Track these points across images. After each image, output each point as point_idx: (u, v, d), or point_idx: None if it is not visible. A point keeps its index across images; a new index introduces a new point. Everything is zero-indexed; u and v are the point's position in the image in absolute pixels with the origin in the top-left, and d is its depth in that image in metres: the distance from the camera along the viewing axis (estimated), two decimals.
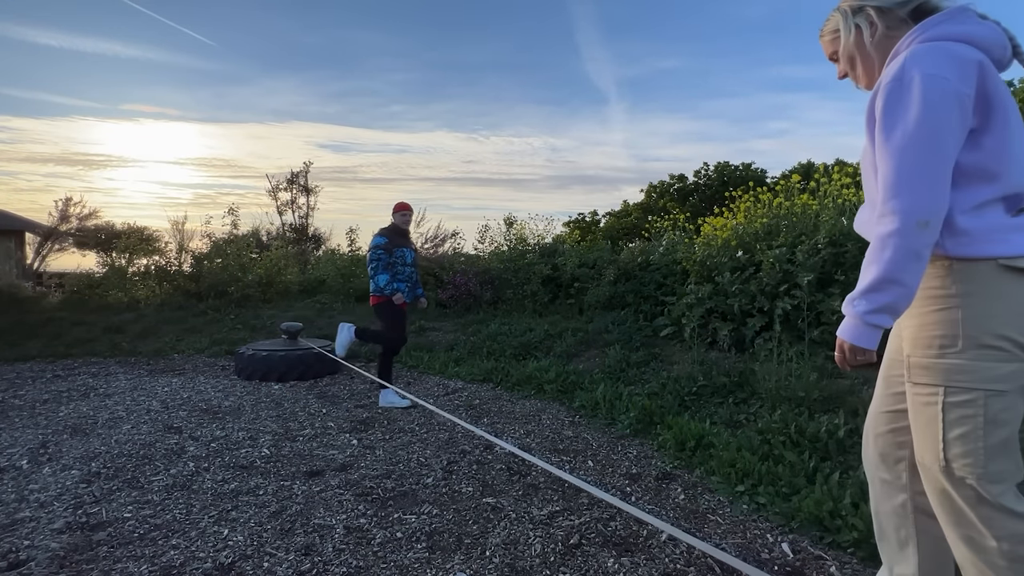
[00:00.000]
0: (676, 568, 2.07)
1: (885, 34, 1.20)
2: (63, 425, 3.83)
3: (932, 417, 1.11)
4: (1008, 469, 1.06)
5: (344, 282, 9.93)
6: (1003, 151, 1.07)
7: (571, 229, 19.93)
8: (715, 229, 5.81)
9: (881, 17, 1.20)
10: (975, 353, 1.05)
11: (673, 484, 2.86)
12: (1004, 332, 1.04)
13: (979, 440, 1.05)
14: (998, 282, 1.05)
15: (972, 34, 1.09)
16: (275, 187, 16.95)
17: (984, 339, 1.05)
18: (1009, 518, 1.04)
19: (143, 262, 9.95)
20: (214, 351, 6.75)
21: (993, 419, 1.04)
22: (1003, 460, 1.05)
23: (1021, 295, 1.05)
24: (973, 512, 1.07)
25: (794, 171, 16.62)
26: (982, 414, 1.05)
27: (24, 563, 2.09)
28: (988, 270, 1.06)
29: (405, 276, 4.43)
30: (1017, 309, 1.05)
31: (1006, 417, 1.05)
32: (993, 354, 1.04)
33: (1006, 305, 1.05)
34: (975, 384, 1.05)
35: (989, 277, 1.06)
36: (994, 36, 1.11)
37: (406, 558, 2.14)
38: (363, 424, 3.92)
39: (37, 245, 14.25)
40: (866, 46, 1.22)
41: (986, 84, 1.05)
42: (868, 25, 1.21)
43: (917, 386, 1.14)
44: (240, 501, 2.64)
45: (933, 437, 1.11)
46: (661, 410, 3.77)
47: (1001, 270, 1.05)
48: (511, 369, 5.22)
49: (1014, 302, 1.05)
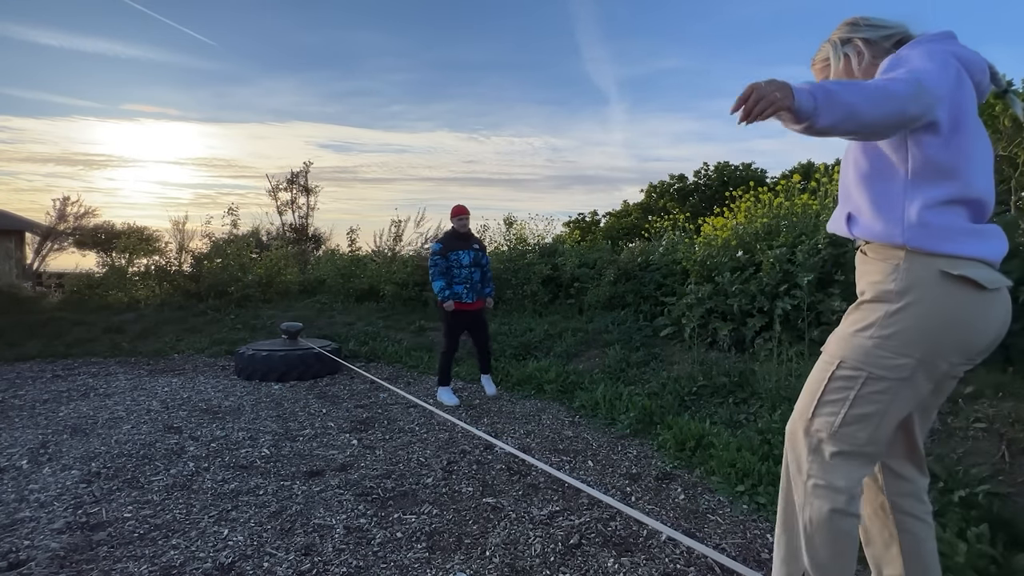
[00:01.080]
0: (676, 568, 2.07)
1: (871, 62, 1.29)
2: (63, 425, 3.83)
3: (820, 380, 1.28)
4: (859, 437, 1.22)
5: (344, 282, 9.92)
6: (970, 155, 1.16)
7: (571, 229, 19.92)
8: (715, 229, 5.81)
9: (868, 47, 1.30)
10: (878, 342, 1.19)
11: (673, 484, 2.86)
12: (909, 351, 1.17)
13: (843, 408, 1.22)
14: (932, 294, 1.14)
15: (956, 51, 1.19)
16: (275, 187, 16.96)
17: (891, 340, 1.18)
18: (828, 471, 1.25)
19: (143, 262, 9.94)
20: (214, 351, 6.75)
21: (863, 396, 1.20)
22: (855, 428, 1.21)
23: (946, 314, 1.14)
24: (808, 456, 1.28)
25: (794, 171, 16.59)
26: (856, 388, 1.21)
27: (24, 563, 2.09)
28: (930, 276, 1.14)
29: (462, 278, 4.45)
30: (934, 328, 1.15)
31: (875, 399, 1.20)
32: (891, 347, 1.18)
33: (927, 323, 1.15)
34: (863, 366, 1.20)
35: (927, 285, 1.15)
36: (976, 58, 1.22)
37: (406, 558, 2.14)
38: (363, 424, 3.92)
39: (37, 245, 14.25)
40: (854, 73, 1.32)
41: (963, 89, 1.15)
42: (856, 54, 1.31)
43: (825, 352, 1.30)
44: (240, 501, 2.64)
45: (812, 394, 1.29)
46: (661, 410, 3.77)
47: (941, 278, 1.14)
48: (511, 369, 5.21)
49: (935, 321, 1.15)
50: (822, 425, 1.25)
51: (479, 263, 4.58)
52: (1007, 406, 2.74)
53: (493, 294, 4.71)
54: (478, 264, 4.57)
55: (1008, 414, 2.67)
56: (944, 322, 1.14)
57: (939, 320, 1.14)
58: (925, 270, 1.15)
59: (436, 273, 4.41)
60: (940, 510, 2.14)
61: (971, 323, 1.16)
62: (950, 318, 1.14)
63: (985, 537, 1.93)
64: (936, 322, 1.15)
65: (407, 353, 6.27)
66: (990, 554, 1.88)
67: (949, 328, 1.15)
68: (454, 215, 4.56)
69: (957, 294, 1.14)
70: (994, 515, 2.07)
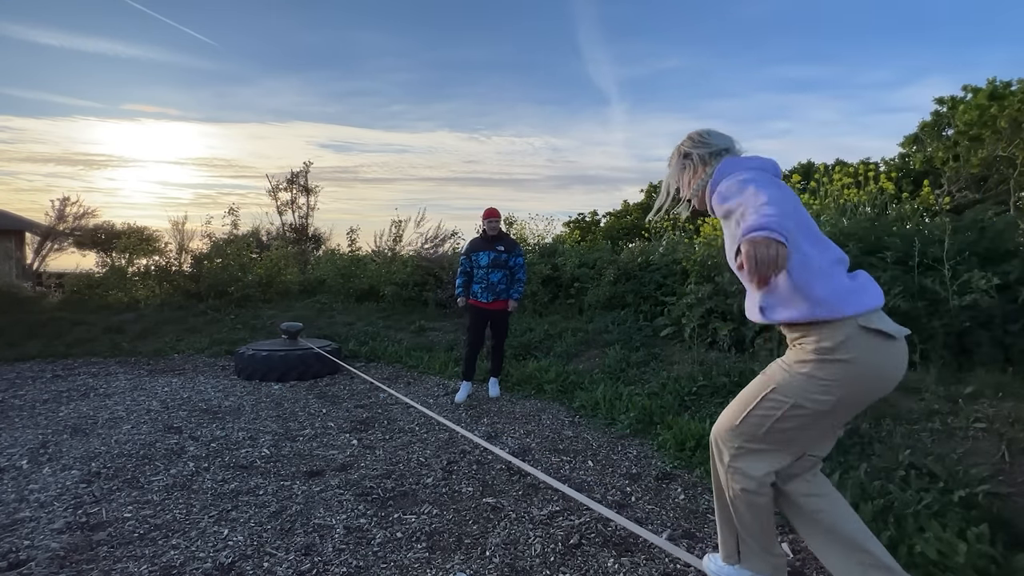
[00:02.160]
0: (676, 568, 2.07)
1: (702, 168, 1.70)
2: (63, 425, 3.83)
3: (754, 396, 1.51)
4: (774, 443, 1.49)
5: (344, 282, 9.91)
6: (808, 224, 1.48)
7: (571, 229, 19.90)
8: (715, 229, 5.81)
9: (700, 160, 1.70)
10: (810, 381, 1.41)
11: (673, 484, 2.86)
12: (833, 392, 1.38)
13: (767, 422, 1.47)
14: (857, 347, 1.37)
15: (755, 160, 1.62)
16: (275, 187, 16.93)
17: (821, 382, 1.39)
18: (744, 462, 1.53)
19: (143, 262, 9.93)
20: (214, 351, 6.75)
21: (785, 417, 1.45)
22: (773, 437, 1.48)
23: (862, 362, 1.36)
24: (729, 452, 1.55)
25: (794, 171, 16.57)
26: (782, 410, 1.45)
27: (24, 563, 2.09)
28: (853, 332, 1.37)
29: (478, 278, 4.61)
30: (858, 375, 1.37)
31: (795, 420, 1.44)
32: (819, 388, 1.39)
33: (852, 371, 1.37)
34: (792, 396, 1.43)
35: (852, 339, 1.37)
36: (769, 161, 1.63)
37: (406, 558, 2.14)
38: (363, 424, 3.92)
39: (37, 245, 14.23)
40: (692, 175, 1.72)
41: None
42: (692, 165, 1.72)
43: (764, 374, 1.53)
44: (240, 501, 2.64)
45: (744, 405, 1.53)
46: (661, 410, 3.77)
47: (862, 332, 1.36)
48: (511, 369, 5.21)
49: (860, 370, 1.37)
50: (746, 430, 1.51)
51: (500, 264, 4.59)
52: (1007, 406, 2.74)
53: (518, 298, 4.71)
54: (499, 265, 4.59)
55: (1008, 414, 2.67)
56: (866, 371, 1.38)
57: (862, 369, 1.38)
58: (848, 328, 1.37)
59: (459, 272, 4.72)
60: (940, 510, 2.14)
61: (885, 369, 1.41)
62: (872, 367, 1.39)
63: (985, 537, 1.93)
64: (859, 371, 1.38)
65: (407, 353, 6.26)
66: (990, 554, 1.88)
67: (870, 376, 1.39)
68: (482, 218, 4.73)
69: (877, 346, 1.37)
70: (994, 515, 2.07)
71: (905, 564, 1.95)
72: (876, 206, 4.91)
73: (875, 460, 2.61)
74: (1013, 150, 10.71)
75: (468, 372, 4.68)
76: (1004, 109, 10.69)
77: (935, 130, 14.61)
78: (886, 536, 2.05)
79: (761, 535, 1.57)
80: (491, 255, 4.59)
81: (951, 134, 13.78)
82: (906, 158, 15.42)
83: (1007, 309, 3.33)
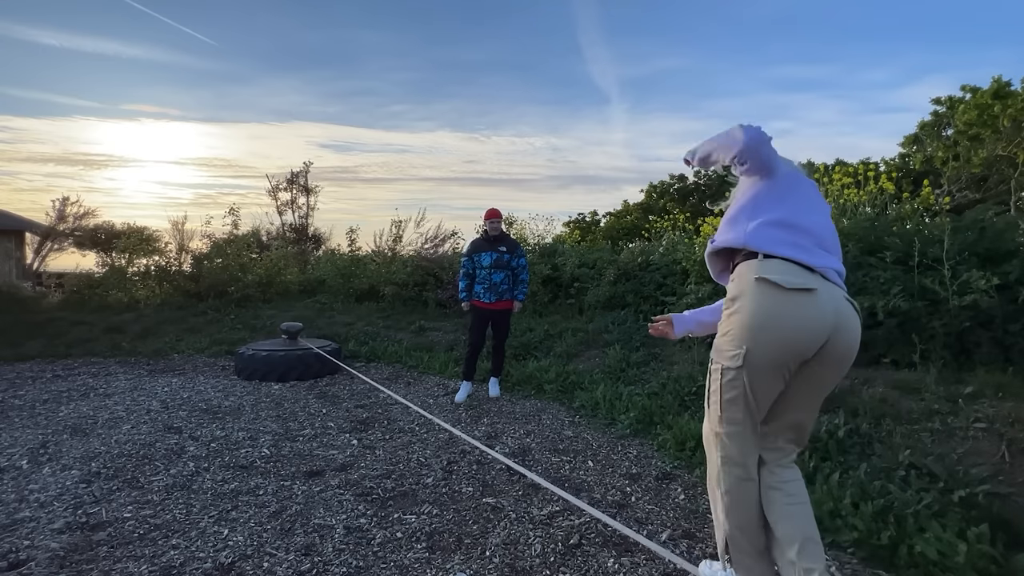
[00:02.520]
0: (676, 568, 2.07)
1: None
2: (63, 425, 3.83)
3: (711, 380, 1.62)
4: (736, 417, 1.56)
5: (344, 282, 9.90)
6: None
7: (571, 229, 19.91)
8: (715, 229, 5.80)
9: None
10: (721, 341, 1.55)
11: (673, 484, 2.86)
12: (737, 343, 1.49)
13: (717, 396, 1.57)
14: (750, 293, 1.47)
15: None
16: (275, 187, 16.93)
17: (727, 337, 1.52)
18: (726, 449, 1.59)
19: (143, 262, 9.92)
20: (214, 351, 6.75)
21: (725, 385, 1.54)
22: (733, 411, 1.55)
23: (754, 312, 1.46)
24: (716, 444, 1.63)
25: None
26: (719, 380, 1.56)
27: (24, 563, 2.09)
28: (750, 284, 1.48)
29: (481, 279, 4.64)
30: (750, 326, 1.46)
31: (734, 384, 1.52)
32: (728, 343, 1.52)
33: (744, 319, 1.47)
34: (719, 360, 1.56)
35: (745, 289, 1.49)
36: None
37: (406, 558, 2.14)
38: (363, 424, 3.92)
39: (37, 245, 14.23)
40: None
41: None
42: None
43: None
44: (240, 501, 2.64)
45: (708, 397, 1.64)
46: (661, 410, 3.77)
47: (757, 283, 1.46)
48: (511, 369, 5.21)
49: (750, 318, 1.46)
50: (714, 415, 1.61)
51: (503, 264, 4.61)
52: (1007, 406, 2.74)
53: (522, 298, 4.74)
54: (501, 266, 4.60)
55: (1008, 414, 2.67)
56: (762, 321, 1.46)
57: (757, 320, 1.46)
58: (746, 282, 1.49)
59: (462, 275, 4.73)
60: (940, 510, 2.14)
61: (783, 319, 1.44)
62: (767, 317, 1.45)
63: (985, 537, 1.93)
64: (754, 321, 1.46)
65: (407, 353, 6.26)
66: (990, 554, 1.88)
67: (769, 327, 1.45)
68: (484, 219, 4.75)
69: (772, 296, 1.44)
70: (994, 515, 2.07)
71: (905, 564, 1.96)
72: (876, 206, 4.91)
73: (875, 460, 2.62)
74: (1013, 150, 10.70)
75: (468, 372, 4.68)
76: (1006, 108, 10.69)
77: (935, 130, 14.61)
78: (886, 536, 2.05)
79: (753, 533, 1.61)
80: (493, 256, 4.60)
81: (951, 134, 13.78)
82: (906, 158, 15.42)
83: (1007, 309, 3.33)
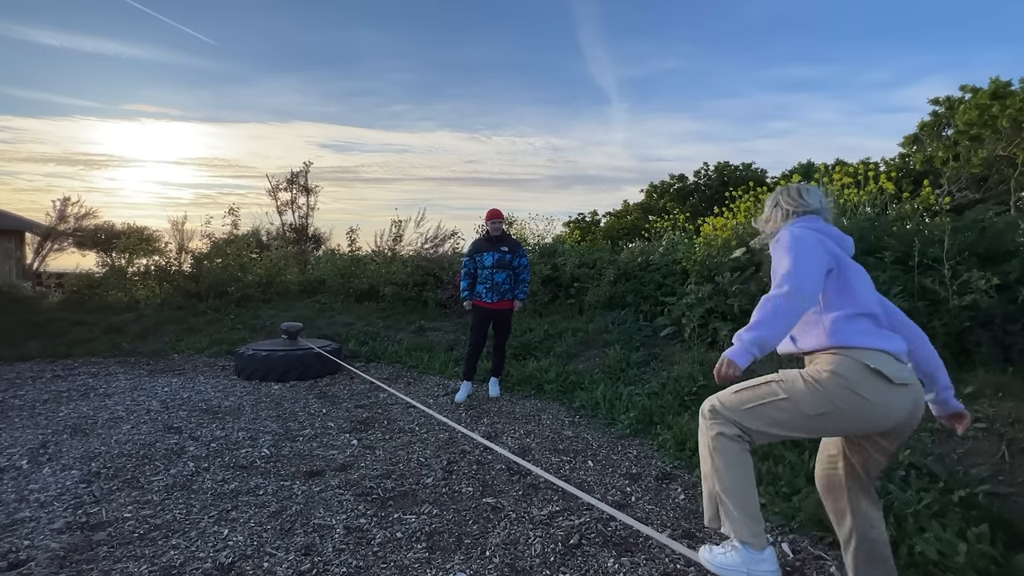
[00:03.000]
0: (676, 568, 2.07)
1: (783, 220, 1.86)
2: (63, 425, 3.83)
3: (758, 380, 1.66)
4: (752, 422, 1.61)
5: (344, 282, 9.90)
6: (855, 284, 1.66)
7: (571, 229, 19.91)
8: (715, 229, 5.81)
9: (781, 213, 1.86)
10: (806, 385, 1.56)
11: (673, 484, 2.86)
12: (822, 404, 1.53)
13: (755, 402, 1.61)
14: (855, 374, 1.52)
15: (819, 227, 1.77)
16: (275, 187, 16.92)
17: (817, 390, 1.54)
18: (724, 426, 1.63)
19: (143, 262, 9.91)
20: (214, 351, 6.74)
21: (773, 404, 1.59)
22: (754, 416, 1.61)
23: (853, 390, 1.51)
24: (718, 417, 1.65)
25: (794, 171, 16.57)
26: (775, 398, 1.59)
27: (24, 563, 2.09)
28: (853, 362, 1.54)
29: (483, 279, 4.66)
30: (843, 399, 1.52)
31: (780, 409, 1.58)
32: (814, 395, 1.55)
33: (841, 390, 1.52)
34: (789, 393, 1.58)
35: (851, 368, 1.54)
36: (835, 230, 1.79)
37: (406, 558, 2.14)
38: (363, 424, 3.92)
39: (37, 245, 14.22)
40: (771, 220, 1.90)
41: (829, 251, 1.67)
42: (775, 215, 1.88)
43: (778, 372, 1.67)
44: (240, 501, 2.64)
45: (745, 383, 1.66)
46: (661, 410, 3.77)
47: (862, 368, 1.52)
48: (511, 369, 5.21)
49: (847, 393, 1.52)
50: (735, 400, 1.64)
51: (504, 264, 4.62)
52: (1007, 406, 2.74)
53: (524, 298, 4.77)
54: (503, 265, 4.62)
55: (1008, 414, 2.67)
56: (854, 400, 1.51)
57: (851, 397, 1.51)
58: (852, 361, 1.54)
59: (463, 275, 4.74)
60: (940, 510, 2.14)
61: (872, 406, 1.51)
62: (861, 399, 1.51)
63: (985, 537, 1.93)
64: (849, 397, 1.51)
65: (407, 353, 6.26)
66: (990, 554, 1.88)
67: (858, 406, 1.51)
68: (485, 219, 4.78)
69: (873, 384, 1.51)
70: (994, 515, 2.07)
71: (905, 564, 1.95)
72: (876, 206, 4.91)
73: None
74: (1013, 150, 10.70)
75: (469, 372, 4.69)
76: (1005, 108, 10.69)
77: (935, 130, 14.61)
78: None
79: (739, 494, 1.62)
80: (495, 256, 4.62)
81: (951, 134, 13.79)
82: (906, 158, 15.42)
83: (1007, 309, 3.33)
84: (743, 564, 1.59)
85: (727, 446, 1.62)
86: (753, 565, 1.58)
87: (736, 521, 1.60)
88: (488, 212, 4.75)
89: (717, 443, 1.62)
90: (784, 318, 1.54)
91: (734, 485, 1.61)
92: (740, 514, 1.60)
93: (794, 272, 1.57)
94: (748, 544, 1.58)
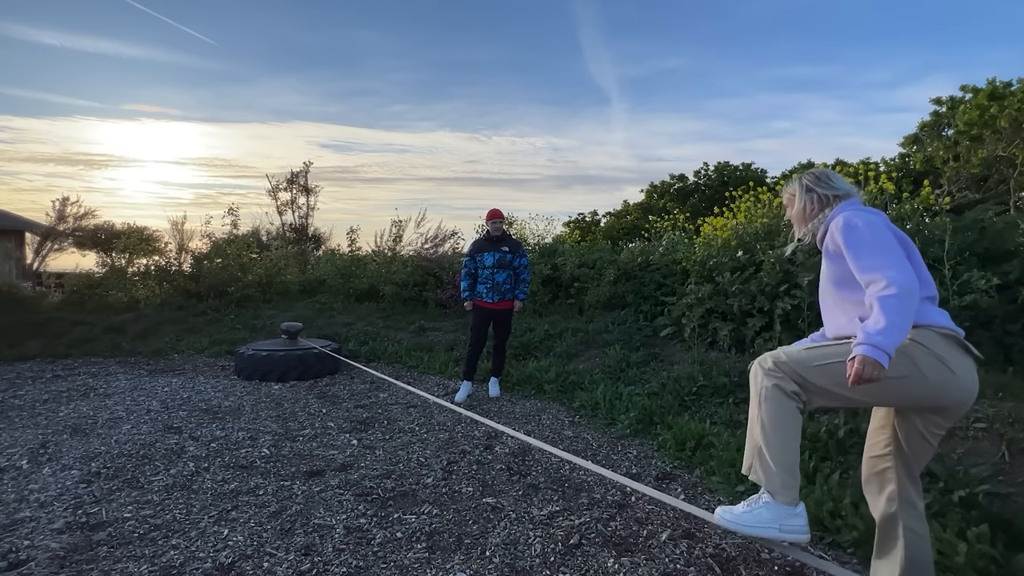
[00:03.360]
0: (676, 568, 2.07)
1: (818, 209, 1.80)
2: (63, 425, 3.83)
3: (830, 341, 1.64)
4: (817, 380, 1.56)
5: (344, 282, 9.90)
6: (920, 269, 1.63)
7: (571, 229, 19.89)
8: (715, 229, 5.81)
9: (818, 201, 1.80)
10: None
11: (673, 484, 2.86)
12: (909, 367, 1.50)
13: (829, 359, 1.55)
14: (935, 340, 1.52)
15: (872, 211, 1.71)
16: (275, 187, 16.92)
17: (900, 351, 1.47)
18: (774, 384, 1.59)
19: (143, 262, 9.91)
20: (214, 351, 6.75)
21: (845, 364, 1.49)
22: (812, 373, 1.57)
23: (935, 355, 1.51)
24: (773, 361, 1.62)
25: (794, 171, 16.58)
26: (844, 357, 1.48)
27: (24, 563, 2.09)
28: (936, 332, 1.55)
29: (483, 279, 4.67)
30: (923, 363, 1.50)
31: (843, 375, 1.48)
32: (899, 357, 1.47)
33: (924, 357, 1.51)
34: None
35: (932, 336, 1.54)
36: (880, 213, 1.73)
37: (406, 558, 2.14)
38: (363, 424, 3.92)
39: (37, 245, 14.23)
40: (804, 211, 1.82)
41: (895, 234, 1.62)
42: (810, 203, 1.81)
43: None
44: (240, 501, 2.64)
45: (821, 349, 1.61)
46: (661, 410, 3.77)
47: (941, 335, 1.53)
48: (511, 369, 5.21)
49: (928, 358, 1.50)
50: (810, 356, 1.59)
51: (505, 264, 4.64)
52: (1007, 406, 2.74)
53: (524, 298, 4.78)
54: (503, 265, 4.63)
55: (1008, 414, 2.67)
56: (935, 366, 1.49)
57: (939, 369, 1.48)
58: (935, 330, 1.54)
59: (464, 275, 4.75)
60: (940, 510, 2.14)
61: (958, 378, 1.48)
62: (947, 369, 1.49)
63: (985, 537, 1.93)
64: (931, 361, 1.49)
65: (407, 353, 6.26)
66: (990, 554, 1.88)
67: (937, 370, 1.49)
68: (486, 219, 4.80)
69: (952, 349, 1.51)
70: (994, 515, 2.07)
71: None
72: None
73: None
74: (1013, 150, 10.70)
75: (469, 372, 4.69)
76: (1004, 109, 10.69)
77: (935, 130, 14.61)
78: None
79: (780, 448, 1.57)
80: (496, 256, 4.63)
81: (951, 134, 13.78)
82: (906, 158, 15.42)
83: (1007, 309, 3.33)
84: (774, 520, 1.53)
85: (781, 401, 1.57)
86: (786, 520, 1.53)
87: (771, 473, 1.55)
88: (489, 212, 4.76)
89: (771, 394, 1.57)
90: (908, 315, 1.46)
91: (777, 439, 1.56)
92: (777, 467, 1.55)
93: (892, 264, 1.51)
94: (778, 497, 1.53)
